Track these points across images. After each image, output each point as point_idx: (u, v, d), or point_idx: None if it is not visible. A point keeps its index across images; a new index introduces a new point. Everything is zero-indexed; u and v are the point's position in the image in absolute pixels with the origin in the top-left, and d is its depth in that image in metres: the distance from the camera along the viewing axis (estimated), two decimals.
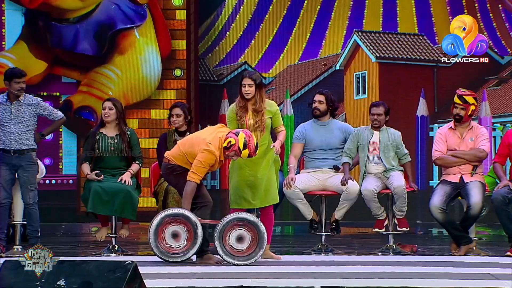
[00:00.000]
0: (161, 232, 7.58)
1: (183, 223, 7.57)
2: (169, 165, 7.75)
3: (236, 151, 7.55)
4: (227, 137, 7.58)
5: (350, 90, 14.11)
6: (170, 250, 7.56)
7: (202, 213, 7.64)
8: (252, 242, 7.58)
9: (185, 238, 7.57)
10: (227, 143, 7.56)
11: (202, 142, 7.60)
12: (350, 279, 6.56)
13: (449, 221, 8.50)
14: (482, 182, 8.60)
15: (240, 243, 7.59)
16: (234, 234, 7.58)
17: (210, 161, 7.57)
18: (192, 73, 12.42)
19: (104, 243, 8.92)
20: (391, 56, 14.04)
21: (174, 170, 7.71)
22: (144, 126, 12.12)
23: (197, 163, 7.56)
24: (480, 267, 7.34)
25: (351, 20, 14.10)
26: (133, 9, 12.14)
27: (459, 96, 8.65)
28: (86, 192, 8.62)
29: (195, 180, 7.55)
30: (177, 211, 7.65)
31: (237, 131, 7.61)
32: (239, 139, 7.54)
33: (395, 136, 8.84)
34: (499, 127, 13.02)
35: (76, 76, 12.30)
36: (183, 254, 7.54)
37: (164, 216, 7.60)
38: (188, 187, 7.55)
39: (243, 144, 7.54)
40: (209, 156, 7.56)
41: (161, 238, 7.56)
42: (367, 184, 8.67)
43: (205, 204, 7.68)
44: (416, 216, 12.16)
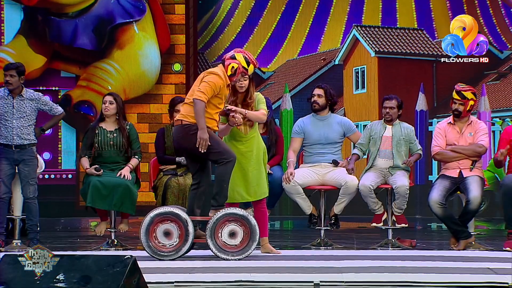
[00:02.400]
0: (153, 231, 7.55)
1: (174, 221, 7.56)
2: (184, 125, 7.46)
3: (243, 71, 7.52)
4: (227, 65, 7.49)
5: (349, 85, 14.11)
6: (163, 248, 7.55)
7: (226, 169, 7.48)
8: (244, 236, 7.57)
9: (177, 235, 7.56)
10: (231, 70, 7.49)
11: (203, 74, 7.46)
12: (349, 274, 6.56)
13: (448, 215, 8.50)
14: (481, 176, 8.61)
15: (233, 238, 7.58)
16: (226, 230, 7.57)
17: (216, 82, 7.38)
18: (191, 67, 12.43)
19: (103, 238, 8.93)
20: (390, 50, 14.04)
21: (190, 129, 7.42)
22: (143, 121, 12.12)
23: (203, 84, 7.37)
24: (479, 262, 7.35)
25: (350, 14, 14.10)
26: (132, 4, 12.13)
27: (458, 92, 8.65)
28: (85, 186, 8.62)
29: (201, 98, 7.31)
30: (167, 209, 7.61)
31: (231, 55, 7.53)
32: (239, 60, 7.51)
33: (408, 131, 8.83)
34: (498, 121, 13.03)
35: (75, 70, 12.31)
36: (175, 252, 7.54)
37: (154, 215, 7.57)
38: (197, 106, 7.31)
39: (246, 62, 7.53)
40: (215, 77, 7.40)
41: (152, 237, 7.54)
42: (364, 180, 8.67)
43: (229, 160, 7.49)
44: (415, 211, 12.18)
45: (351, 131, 9.01)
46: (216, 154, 7.44)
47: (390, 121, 8.85)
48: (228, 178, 7.55)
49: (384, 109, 8.89)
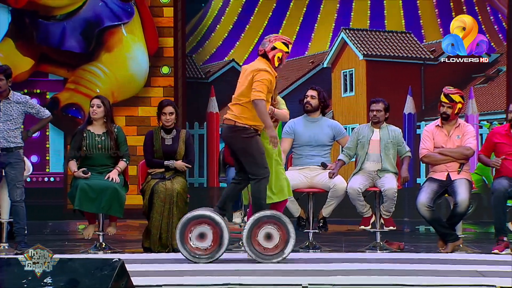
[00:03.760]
0: (188, 234, 7.53)
1: (209, 224, 7.53)
2: (238, 127, 7.46)
3: (286, 55, 7.61)
4: (272, 57, 7.53)
5: (338, 88, 14.13)
6: (197, 251, 7.53)
7: (260, 186, 7.47)
8: (280, 239, 7.53)
9: (211, 239, 7.53)
10: (278, 60, 7.55)
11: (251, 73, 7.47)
12: (337, 277, 6.57)
13: (436, 218, 8.52)
14: (469, 179, 8.63)
15: (269, 241, 7.54)
16: (262, 233, 7.53)
17: (268, 78, 7.43)
18: (179, 70, 12.41)
19: (91, 241, 8.91)
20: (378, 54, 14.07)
21: (242, 132, 7.44)
22: (132, 124, 12.10)
23: (256, 83, 7.40)
24: (467, 264, 7.37)
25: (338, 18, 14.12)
26: (120, 6, 12.11)
27: (446, 95, 8.67)
28: (73, 189, 8.60)
29: (261, 97, 7.37)
30: (202, 213, 7.60)
31: (272, 46, 7.56)
32: (280, 48, 7.55)
33: (395, 133, 8.85)
34: (485, 124, 13.06)
35: (63, 73, 12.27)
36: (211, 255, 7.51)
37: (191, 217, 7.56)
38: (259, 106, 7.36)
39: (285, 46, 7.61)
40: (266, 74, 7.43)
41: (188, 240, 7.52)
42: (353, 183, 8.68)
43: (263, 177, 7.49)
44: (404, 214, 12.19)
45: (341, 135, 9.03)
46: (254, 167, 7.48)
47: (377, 123, 8.87)
48: (265, 195, 7.59)
49: (371, 112, 8.91)
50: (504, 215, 8.41)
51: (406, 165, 8.85)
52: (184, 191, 8.69)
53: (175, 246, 8.56)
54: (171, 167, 8.77)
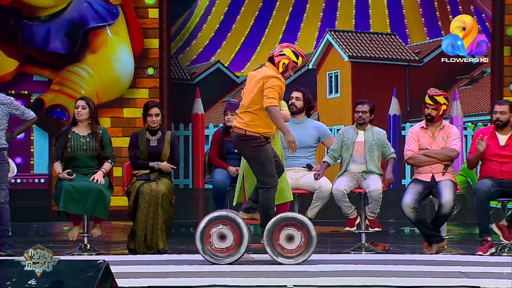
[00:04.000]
0: (208, 235, 7.51)
1: (228, 224, 7.52)
2: (249, 136, 7.43)
3: (293, 65, 7.53)
4: (277, 62, 7.49)
5: (323, 89, 14.15)
6: (218, 252, 7.51)
7: (268, 195, 7.47)
8: (302, 241, 7.53)
9: (232, 239, 7.52)
10: (283, 67, 7.49)
11: (260, 80, 7.43)
12: (322, 278, 6.58)
13: (420, 219, 8.54)
14: (454, 181, 8.66)
15: (290, 243, 7.54)
16: (284, 234, 7.53)
17: (278, 84, 7.40)
18: (164, 71, 12.40)
19: (76, 242, 8.88)
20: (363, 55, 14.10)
21: (252, 142, 7.43)
22: (117, 125, 12.07)
23: (267, 90, 7.36)
24: (451, 265, 7.39)
25: (323, 19, 14.14)
26: (105, 7, 12.08)
27: (430, 97, 8.70)
28: (57, 191, 8.57)
29: (274, 103, 7.34)
30: (222, 213, 7.59)
31: (280, 52, 7.52)
32: (288, 55, 7.50)
33: (380, 135, 8.88)
34: (470, 126, 13.11)
35: (48, 74, 12.23)
36: (231, 255, 7.50)
37: (209, 220, 7.54)
38: (273, 112, 7.33)
39: (295, 56, 7.54)
40: (276, 80, 7.40)
41: (208, 241, 7.50)
42: (338, 184, 8.70)
43: (271, 186, 7.48)
44: (388, 215, 12.22)
45: (326, 136, 9.04)
46: (263, 175, 7.48)
47: (363, 124, 8.89)
48: (273, 204, 7.59)
49: (357, 113, 8.93)
50: (487, 215, 8.44)
51: (391, 167, 8.88)
52: (169, 192, 8.68)
53: (160, 248, 8.55)
54: (156, 168, 8.76)
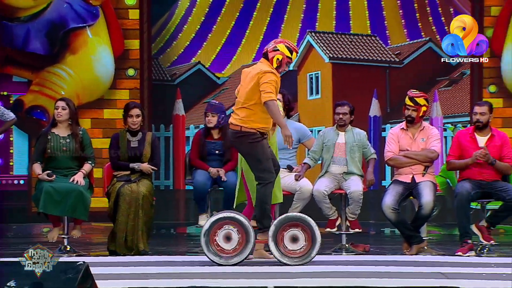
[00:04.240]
0: (213, 236, 7.48)
1: (234, 225, 7.50)
2: (244, 132, 7.43)
3: (287, 61, 7.53)
4: (271, 58, 7.49)
5: (304, 91, 14.18)
6: (223, 253, 7.49)
7: (266, 191, 7.46)
8: (306, 242, 7.52)
9: (237, 240, 7.49)
10: (277, 62, 7.49)
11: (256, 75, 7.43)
12: (303, 279, 6.58)
13: (401, 220, 8.57)
14: (433, 182, 8.69)
15: (294, 243, 7.52)
16: (287, 236, 7.51)
17: (274, 78, 7.40)
18: (145, 72, 12.37)
19: (55, 244, 8.85)
20: (344, 56, 14.13)
21: (248, 138, 7.43)
22: (97, 126, 12.04)
23: (264, 85, 7.36)
24: (431, 266, 7.42)
25: (304, 20, 14.17)
26: (86, 8, 12.05)
27: (411, 98, 8.73)
28: (37, 192, 8.54)
29: (272, 97, 7.33)
30: (227, 215, 7.56)
31: (273, 47, 7.52)
32: (282, 51, 7.50)
33: (360, 136, 8.90)
34: (450, 127, 13.18)
35: (28, 75, 12.18)
36: (237, 256, 7.47)
37: (214, 221, 7.51)
38: (272, 107, 7.33)
39: (288, 51, 7.54)
40: (272, 75, 7.40)
41: (213, 242, 7.47)
42: (318, 185, 8.72)
43: (269, 181, 7.47)
44: (369, 216, 12.26)
45: (306, 137, 9.06)
46: (260, 171, 7.47)
47: (343, 126, 8.91)
48: (270, 200, 7.58)
49: (337, 115, 8.95)
50: (468, 218, 8.48)
51: (372, 168, 8.90)
52: (150, 193, 8.66)
53: (140, 249, 8.54)
54: (136, 169, 8.74)
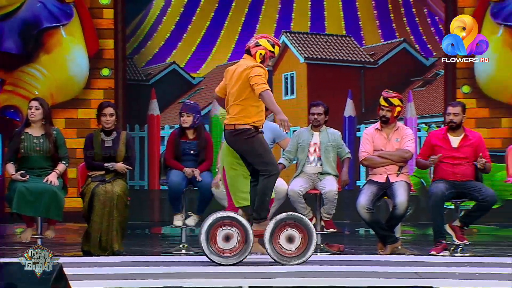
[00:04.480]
0: (213, 235, 7.44)
1: (234, 225, 7.47)
2: (238, 130, 7.43)
3: (270, 55, 7.56)
4: (254, 54, 7.52)
5: (279, 91, 14.19)
6: (223, 253, 7.46)
7: (268, 183, 7.44)
8: (301, 242, 7.51)
9: (237, 240, 7.47)
10: (260, 57, 7.51)
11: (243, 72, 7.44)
12: (277, 279, 6.59)
13: (375, 220, 8.60)
14: (408, 182, 8.73)
15: (290, 243, 7.51)
16: (284, 235, 7.50)
17: (262, 71, 7.43)
18: (120, 72, 12.33)
19: (29, 244, 8.79)
20: (319, 57, 14.17)
21: (244, 134, 7.44)
22: (71, 126, 11.98)
23: (254, 78, 7.38)
24: (405, 266, 7.45)
25: (279, 20, 14.19)
26: (59, 8, 11.99)
27: (385, 98, 8.76)
28: (10, 192, 8.48)
29: (266, 87, 7.37)
30: (226, 214, 7.53)
31: (255, 43, 7.56)
32: (264, 46, 7.53)
33: (335, 136, 8.92)
34: (424, 127, 13.25)
35: (1, 75, 12.11)
36: (237, 256, 7.44)
37: (214, 220, 7.48)
38: (266, 96, 7.36)
39: (271, 45, 7.56)
40: (260, 69, 7.43)
41: (213, 242, 7.44)
42: (293, 185, 8.73)
43: (273, 173, 7.46)
44: (344, 216, 12.29)
45: (281, 137, 9.06)
46: (263, 164, 7.46)
47: (318, 126, 8.94)
48: (271, 193, 7.57)
49: (312, 115, 8.98)
50: (442, 218, 8.53)
51: (346, 168, 8.93)
52: (124, 193, 8.63)
53: (115, 249, 8.51)
54: (111, 169, 8.71)
